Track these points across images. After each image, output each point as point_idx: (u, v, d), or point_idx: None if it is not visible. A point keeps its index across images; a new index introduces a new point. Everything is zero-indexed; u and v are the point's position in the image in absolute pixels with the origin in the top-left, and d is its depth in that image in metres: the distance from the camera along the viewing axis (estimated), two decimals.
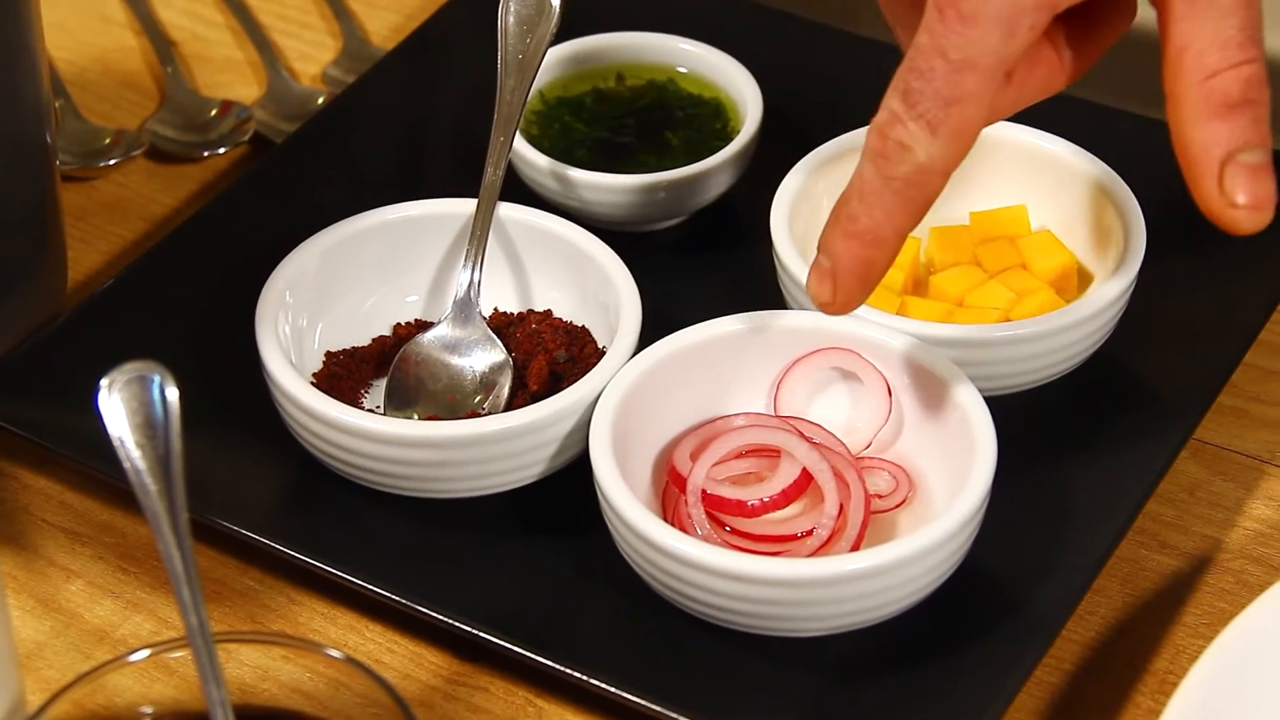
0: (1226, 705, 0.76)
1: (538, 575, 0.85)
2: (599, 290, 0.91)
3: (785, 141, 0.99)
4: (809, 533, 0.83)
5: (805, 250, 0.92)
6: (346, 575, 0.84)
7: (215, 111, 1.10)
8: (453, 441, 0.84)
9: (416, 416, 0.89)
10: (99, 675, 0.71)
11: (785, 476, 0.85)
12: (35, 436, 0.89)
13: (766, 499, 0.84)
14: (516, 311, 0.94)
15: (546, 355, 0.91)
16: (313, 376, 0.91)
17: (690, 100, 1.03)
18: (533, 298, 0.95)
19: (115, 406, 0.69)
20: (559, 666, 0.81)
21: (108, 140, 1.08)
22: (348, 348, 0.93)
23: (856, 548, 0.83)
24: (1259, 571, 0.88)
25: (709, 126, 1.01)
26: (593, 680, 0.80)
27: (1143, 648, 0.85)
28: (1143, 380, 0.92)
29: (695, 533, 0.83)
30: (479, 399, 0.90)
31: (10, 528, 0.89)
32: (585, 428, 0.85)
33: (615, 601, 0.84)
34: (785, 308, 0.91)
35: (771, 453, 0.86)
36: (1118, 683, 0.84)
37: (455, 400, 0.90)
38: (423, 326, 0.94)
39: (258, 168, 1.02)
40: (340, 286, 0.93)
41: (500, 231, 0.94)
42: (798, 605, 0.79)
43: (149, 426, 0.69)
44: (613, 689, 0.80)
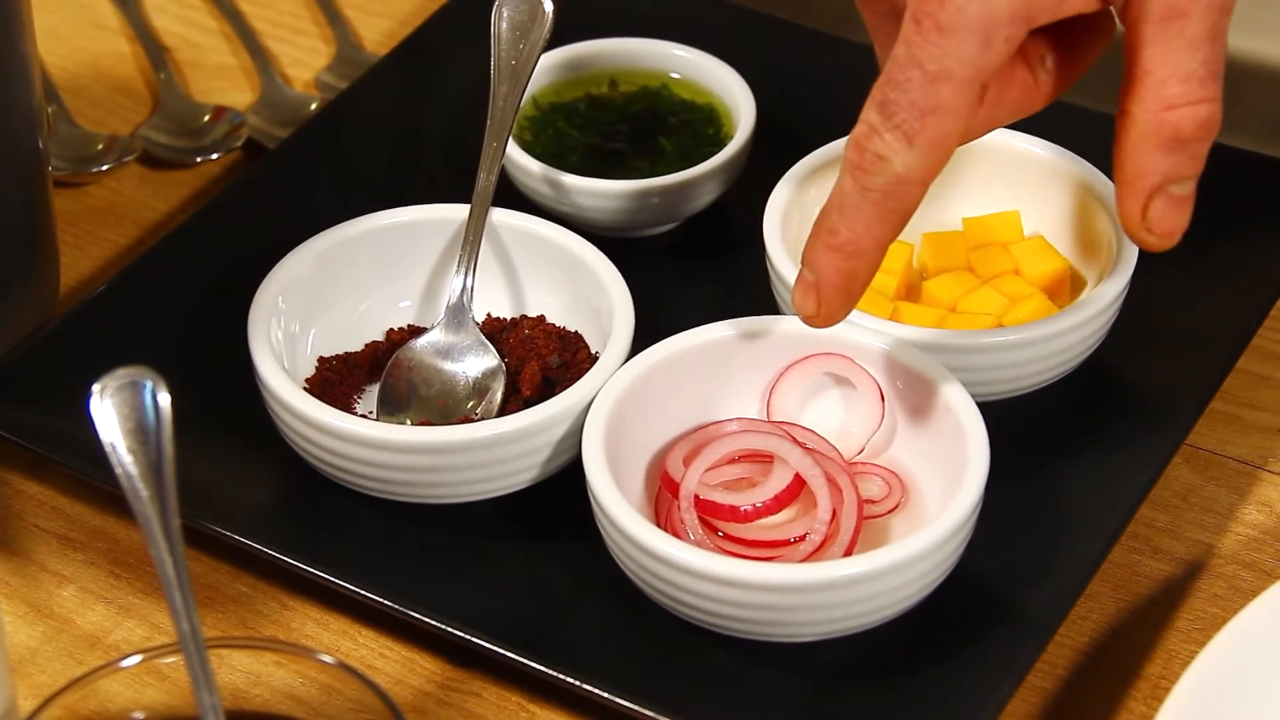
0: (1219, 710, 0.76)
1: (530, 581, 0.85)
2: (592, 296, 0.91)
3: (778, 148, 0.99)
4: (802, 538, 0.83)
5: (798, 256, 0.92)
6: (339, 581, 0.84)
7: (208, 117, 1.10)
8: (445, 447, 0.84)
9: (409, 422, 0.89)
10: (91, 681, 0.71)
11: (778, 482, 0.85)
12: (27, 442, 0.89)
13: (759, 504, 0.84)
14: (509, 317, 0.94)
15: (539, 361, 0.91)
16: (305, 382, 0.91)
17: (683, 106, 1.03)
18: (525, 303, 0.95)
19: (107, 412, 0.69)
20: (552, 672, 0.81)
21: (100, 146, 1.08)
22: (340, 353, 0.93)
23: (849, 553, 0.83)
24: (1251, 577, 0.88)
25: (702, 132, 1.01)
26: (586, 685, 0.80)
27: (1135, 653, 0.85)
28: (1135, 386, 0.92)
29: (688, 538, 0.83)
30: (472, 404, 0.90)
31: (2, 533, 0.89)
32: (578, 433, 0.85)
33: (608, 607, 0.84)
34: (778, 313, 0.91)
35: (764, 458, 0.86)
36: (1110, 688, 0.84)
37: (448, 406, 0.90)
38: (416, 332, 0.94)
39: (250, 173, 1.02)
40: (333, 292, 0.93)
41: (493, 237, 0.94)
42: (791, 610, 0.79)
43: (141, 432, 0.69)
44: (606, 694, 0.80)
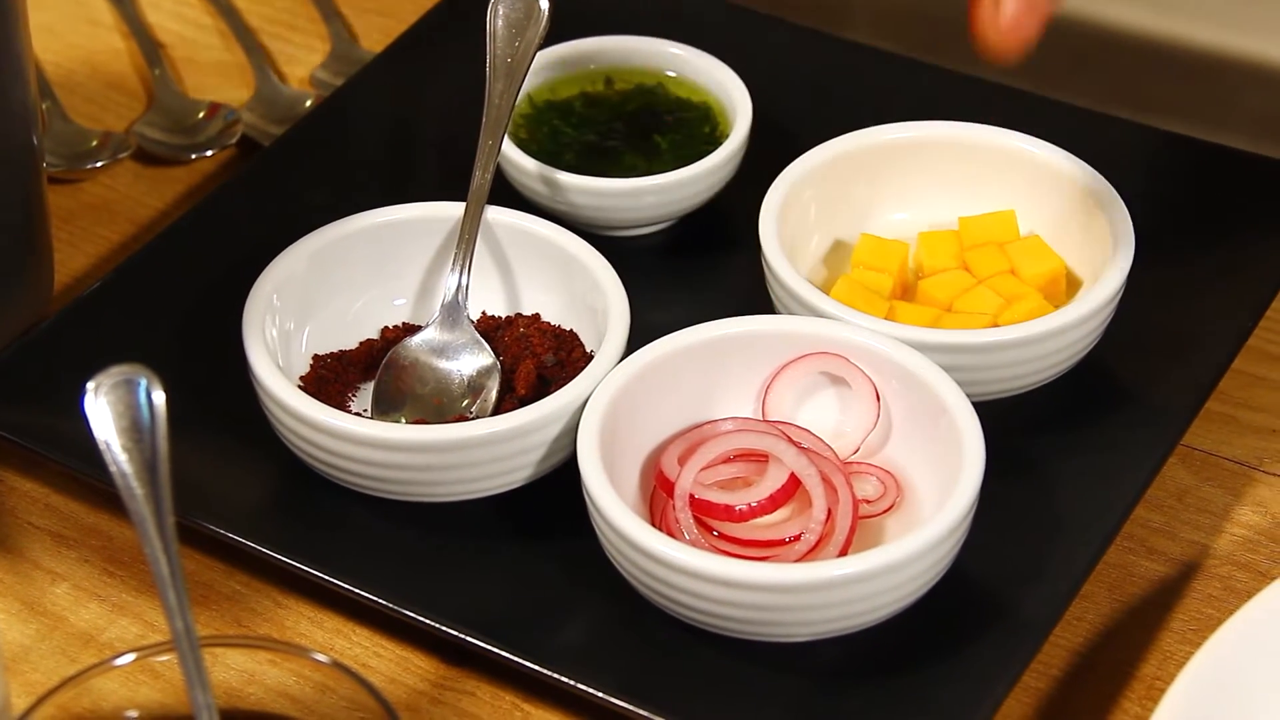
0: (1214, 711, 0.76)
1: (525, 579, 0.85)
2: (587, 294, 0.91)
3: (774, 146, 0.99)
4: (797, 538, 0.83)
5: (793, 255, 0.92)
6: (333, 579, 0.84)
7: (203, 114, 1.10)
8: (440, 445, 0.84)
9: (404, 420, 0.89)
10: (84, 679, 0.71)
11: (773, 481, 0.85)
12: (21, 439, 0.89)
13: (754, 504, 0.84)
14: (504, 315, 0.94)
15: (534, 359, 0.90)
16: (300, 380, 0.91)
17: (679, 104, 1.03)
18: (520, 301, 0.94)
19: (101, 410, 0.69)
20: (546, 671, 0.81)
21: (95, 142, 1.08)
22: (335, 351, 0.92)
23: (844, 553, 0.83)
24: (1246, 577, 0.88)
25: (698, 130, 1.01)
26: (580, 685, 0.80)
27: (1130, 653, 0.85)
28: (1131, 386, 0.92)
29: (683, 537, 0.83)
30: (466, 403, 0.90)
31: None
32: (573, 432, 0.85)
33: (602, 606, 0.84)
34: (774, 312, 0.91)
35: (759, 457, 0.86)
36: (1105, 688, 0.84)
37: (442, 404, 0.90)
38: (410, 330, 0.93)
39: (245, 171, 1.02)
40: (328, 290, 0.93)
41: (488, 235, 0.94)
42: (785, 610, 0.79)
43: (135, 430, 0.69)
44: (600, 694, 0.80)
